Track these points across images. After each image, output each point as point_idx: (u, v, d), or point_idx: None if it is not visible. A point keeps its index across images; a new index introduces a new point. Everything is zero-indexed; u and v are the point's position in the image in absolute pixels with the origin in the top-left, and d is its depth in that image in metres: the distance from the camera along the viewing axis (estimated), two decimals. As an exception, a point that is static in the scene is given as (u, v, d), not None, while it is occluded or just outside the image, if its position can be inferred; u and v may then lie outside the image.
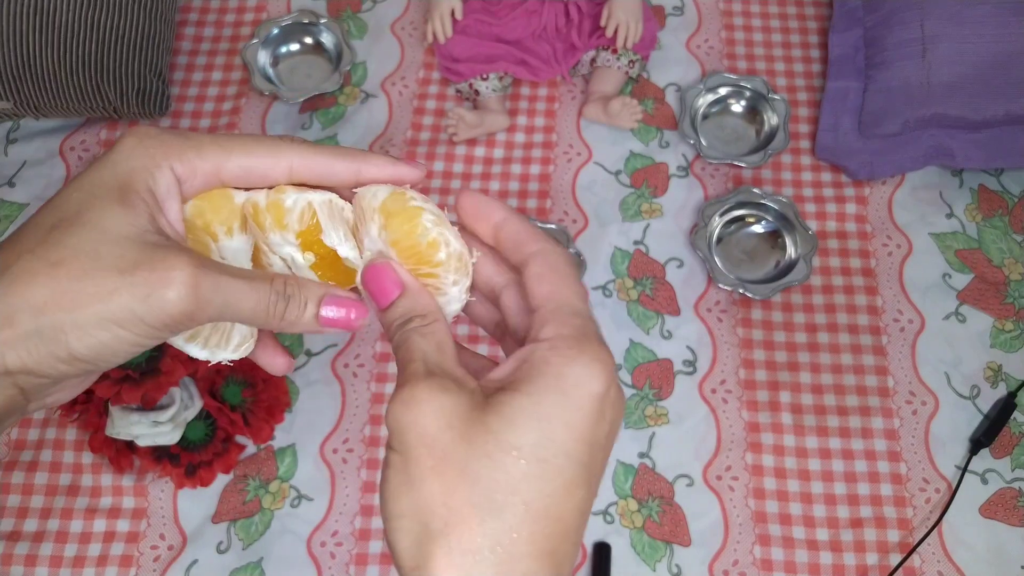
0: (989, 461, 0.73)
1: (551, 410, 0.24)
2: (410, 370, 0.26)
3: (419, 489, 0.23)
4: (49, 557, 0.69)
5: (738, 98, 0.88)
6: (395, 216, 0.29)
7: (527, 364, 0.25)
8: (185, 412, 0.67)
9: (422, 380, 0.25)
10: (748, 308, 0.79)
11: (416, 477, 0.23)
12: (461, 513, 0.23)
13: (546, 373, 0.24)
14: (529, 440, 0.23)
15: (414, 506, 0.23)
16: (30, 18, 0.80)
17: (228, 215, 0.30)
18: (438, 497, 0.23)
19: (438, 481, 0.23)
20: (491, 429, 0.24)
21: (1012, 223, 0.82)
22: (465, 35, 0.85)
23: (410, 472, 0.24)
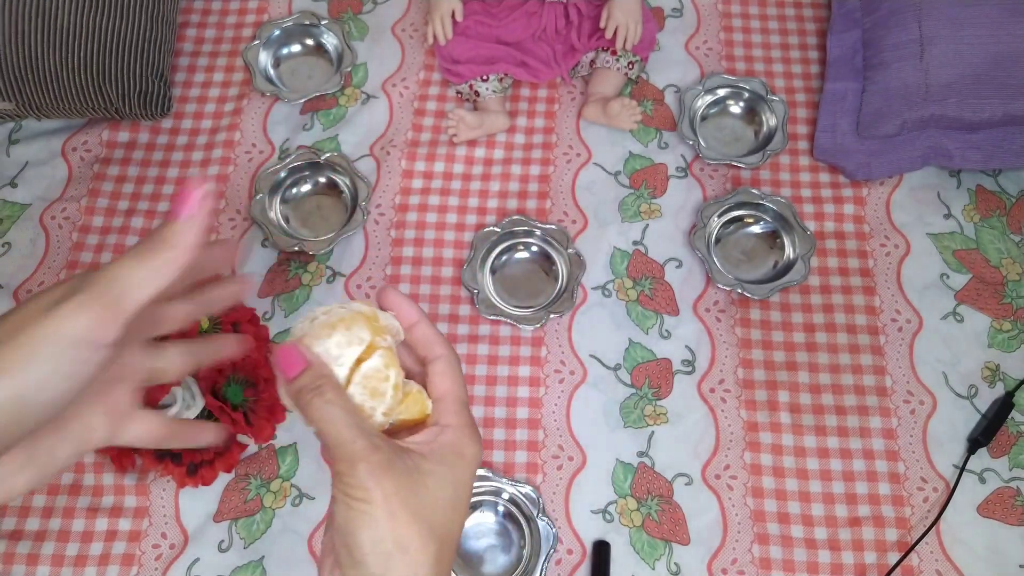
0: (987, 460, 0.73)
1: (459, 474, 0.37)
2: (350, 448, 0.34)
3: (382, 525, 0.34)
4: (51, 556, 0.69)
5: (737, 99, 0.88)
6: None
7: (441, 441, 0.37)
8: (187, 411, 0.68)
9: (367, 455, 0.34)
10: (747, 308, 0.79)
11: (379, 512, 0.34)
12: (414, 535, 0.34)
13: (455, 450, 0.37)
14: (447, 494, 0.36)
15: (378, 536, 0.34)
16: (33, 20, 0.80)
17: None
18: (398, 530, 0.34)
19: (394, 519, 0.34)
20: (427, 488, 0.35)
21: (1010, 223, 0.82)
22: (465, 37, 0.85)
23: (374, 513, 0.34)
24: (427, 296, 0.79)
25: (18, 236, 0.82)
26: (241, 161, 0.86)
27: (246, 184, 0.84)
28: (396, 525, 0.34)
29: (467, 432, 0.38)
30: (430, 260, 0.81)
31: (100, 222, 0.82)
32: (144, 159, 0.86)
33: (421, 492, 0.35)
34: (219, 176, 0.85)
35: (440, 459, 0.36)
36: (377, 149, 0.86)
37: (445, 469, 0.36)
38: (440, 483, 0.36)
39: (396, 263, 0.81)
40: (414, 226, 0.82)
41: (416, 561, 0.34)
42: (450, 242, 0.82)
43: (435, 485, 0.35)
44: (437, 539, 0.35)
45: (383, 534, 0.34)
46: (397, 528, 0.34)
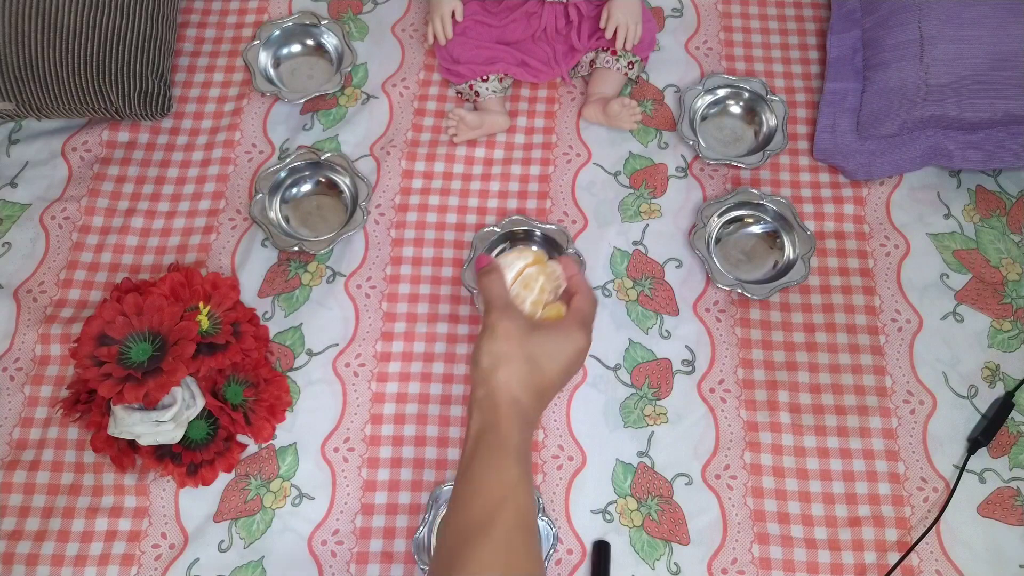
0: (987, 460, 0.73)
1: (564, 345, 0.57)
2: (497, 304, 0.58)
3: (499, 344, 0.56)
4: (51, 556, 0.69)
5: (737, 99, 0.88)
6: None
7: (559, 324, 0.59)
8: (187, 411, 0.68)
9: (505, 309, 0.58)
10: (746, 308, 0.79)
11: (500, 338, 0.56)
12: (516, 357, 0.55)
13: (566, 331, 0.58)
14: (549, 349, 0.56)
15: (494, 350, 0.56)
16: (32, 20, 0.80)
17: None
18: (507, 349, 0.55)
19: (507, 343, 0.55)
20: (536, 334, 0.57)
21: (1010, 223, 0.82)
22: (465, 37, 0.85)
23: (496, 337, 0.56)
24: (427, 296, 0.79)
25: (18, 236, 0.82)
26: (241, 161, 0.86)
27: (246, 184, 0.84)
28: (506, 346, 0.55)
29: (578, 326, 0.58)
30: (430, 260, 0.81)
31: (100, 222, 0.82)
32: (144, 159, 0.86)
33: (531, 338, 0.56)
34: (219, 176, 0.85)
35: (554, 331, 0.58)
36: (377, 149, 0.86)
37: (555, 336, 0.57)
38: (547, 341, 0.57)
39: (396, 263, 0.81)
40: (414, 226, 0.82)
41: (512, 371, 0.54)
42: (450, 242, 0.82)
43: (542, 340, 0.56)
44: (534, 366, 0.55)
45: (495, 347, 0.55)
46: (506, 347, 0.55)
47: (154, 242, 0.82)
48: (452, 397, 0.75)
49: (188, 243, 0.82)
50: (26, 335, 0.77)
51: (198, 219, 0.83)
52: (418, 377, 0.76)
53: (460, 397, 0.75)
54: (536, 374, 0.56)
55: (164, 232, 0.82)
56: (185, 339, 0.67)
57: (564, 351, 0.57)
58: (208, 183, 0.84)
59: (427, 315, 0.78)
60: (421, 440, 0.74)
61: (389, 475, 0.72)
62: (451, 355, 0.77)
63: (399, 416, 0.74)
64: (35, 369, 0.76)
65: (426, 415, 0.75)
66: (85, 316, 0.76)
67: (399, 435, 0.74)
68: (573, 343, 0.57)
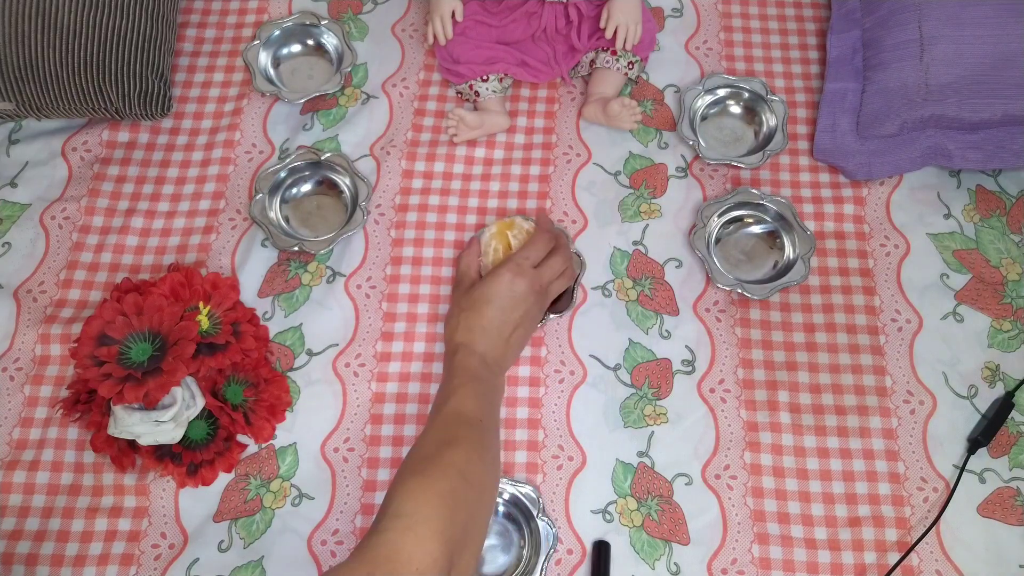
0: (987, 460, 0.73)
1: (489, 283, 0.71)
2: (460, 279, 0.76)
3: (451, 309, 0.74)
4: (50, 556, 0.69)
5: (737, 99, 0.88)
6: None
7: (493, 269, 0.73)
8: (187, 411, 0.68)
9: (459, 283, 0.76)
10: (746, 308, 0.79)
11: (452, 305, 0.74)
12: (456, 309, 0.72)
13: (493, 273, 0.72)
14: (480, 291, 0.71)
15: (448, 315, 0.74)
16: (32, 19, 0.80)
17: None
18: (452, 309, 0.74)
19: (453, 305, 0.74)
20: (473, 287, 0.73)
21: (1010, 223, 0.82)
22: (465, 37, 0.85)
23: (451, 306, 0.74)
24: (427, 296, 0.79)
25: (18, 236, 0.82)
26: (241, 161, 0.86)
27: (246, 184, 0.84)
28: (453, 308, 0.73)
29: (505, 268, 0.71)
30: (430, 260, 0.81)
31: (100, 222, 0.82)
32: (144, 159, 0.86)
33: (469, 291, 0.72)
34: (219, 176, 0.85)
35: (485, 278, 0.72)
36: (377, 149, 0.86)
37: (485, 281, 0.71)
38: (478, 287, 0.72)
39: (396, 263, 0.81)
40: (414, 226, 0.82)
41: (453, 321, 0.71)
42: (450, 242, 0.82)
43: (476, 288, 0.72)
44: (472, 311, 0.70)
45: (449, 313, 0.74)
46: (452, 308, 0.74)
47: (154, 242, 0.82)
48: (452, 397, 0.75)
49: (188, 243, 0.82)
50: (26, 335, 0.77)
51: (198, 219, 0.83)
52: (418, 377, 0.76)
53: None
54: (473, 315, 0.69)
55: (164, 232, 0.82)
56: (185, 339, 0.67)
57: (492, 290, 0.70)
58: (208, 183, 0.84)
59: (427, 315, 0.78)
60: (421, 440, 0.74)
61: (389, 475, 0.72)
62: (451, 355, 0.77)
63: (399, 416, 0.74)
64: (35, 369, 0.76)
65: (426, 415, 0.74)
66: (85, 316, 0.76)
67: (399, 435, 0.74)
68: (497, 281, 0.70)
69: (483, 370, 0.67)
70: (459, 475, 0.58)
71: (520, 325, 0.71)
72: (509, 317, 0.69)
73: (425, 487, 0.56)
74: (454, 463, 0.58)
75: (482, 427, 0.64)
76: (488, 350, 0.68)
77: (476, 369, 0.67)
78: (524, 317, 0.70)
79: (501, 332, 0.69)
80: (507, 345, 0.70)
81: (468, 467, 0.59)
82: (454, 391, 0.65)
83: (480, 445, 0.62)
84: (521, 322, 0.70)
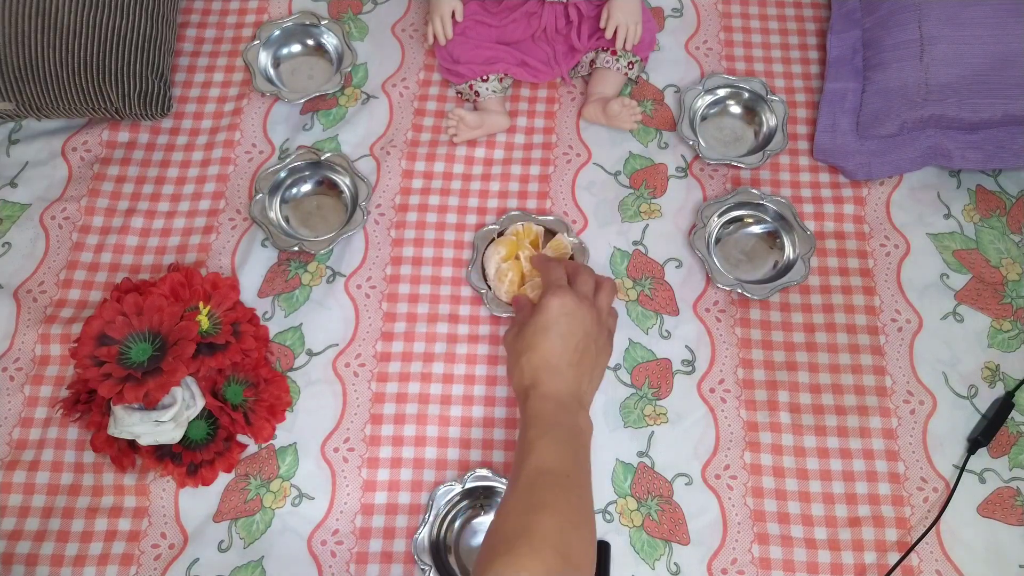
0: (987, 460, 0.73)
1: (537, 317, 0.66)
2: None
3: (508, 358, 0.67)
4: (50, 556, 0.69)
5: (737, 99, 0.88)
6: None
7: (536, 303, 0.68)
8: (187, 411, 0.68)
9: (509, 331, 0.70)
10: (746, 308, 0.79)
11: (508, 354, 0.68)
12: (513, 354, 0.66)
13: (537, 307, 0.66)
14: (530, 328, 0.67)
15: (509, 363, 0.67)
16: (32, 19, 0.80)
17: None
18: (509, 356, 0.67)
19: (508, 352, 0.68)
20: (524, 327, 0.67)
21: (1010, 223, 0.82)
22: (465, 37, 0.85)
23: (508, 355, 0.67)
24: (427, 296, 0.79)
25: (18, 236, 0.82)
26: (241, 161, 0.86)
27: (246, 184, 0.84)
28: (510, 355, 0.67)
29: (548, 295, 0.66)
30: (430, 260, 0.81)
31: (100, 222, 0.82)
32: (144, 159, 0.86)
33: (521, 332, 0.66)
34: (219, 176, 0.85)
35: (532, 314, 0.67)
36: (377, 149, 0.86)
37: (533, 318, 0.66)
38: (528, 325, 0.66)
39: (396, 263, 0.81)
40: (414, 226, 0.82)
41: (514, 367, 0.66)
42: (450, 242, 0.82)
43: (526, 327, 0.66)
44: (529, 351, 0.65)
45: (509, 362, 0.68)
46: (510, 356, 0.68)
47: (154, 242, 0.82)
48: (452, 397, 0.75)
49: (188, 243, 0.82)
50: (26, 335, 0.77)
51: (198, 219, 0.83)
52: (418, 377, 0.76)
53: (460, 397, 0.75)
54: (533, 354, 0.64)
55: (164, 232, 0.82)
56: (185, 339, 0.67)
57: (542, 320, 0.64)
58: (208, 183, 0.84)
59: (427, 315, 0.78)
60: (421, 440, 0.74)
61: (389, 475, 0.72)
62: (451, 355, 0.77)
63: (399, 416, 0.74)
64: (35, 369, 0.76)
65: (426, 415, 0.74)
66: (85, 316, 0.76)
67: (399, 435, 0.74)
68: (545, 310, 0.65)
69: (561, 412, 0.61)
70: (552, 552, 0.50)
71: (587, 350, 0.64)
72: (570, 344, 0.63)
73: (515, 569, 0.49)
74: (546, 537, 0.51)
75: (570, 483, 0.56)
76: (560, 387, 0.62)
77: (552, 413, 0.60)
78: (587, 339, 0.64)
79: (568, 362, 0.63)
80: (578, 374, 0.63)
81: (562, 538, 0.52)
82: (532, 445, 0.58)
83: (569, 507, 0.54)
84: (587, 346, 0.64)
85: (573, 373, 0.63)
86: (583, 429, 0.62)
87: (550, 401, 0.61)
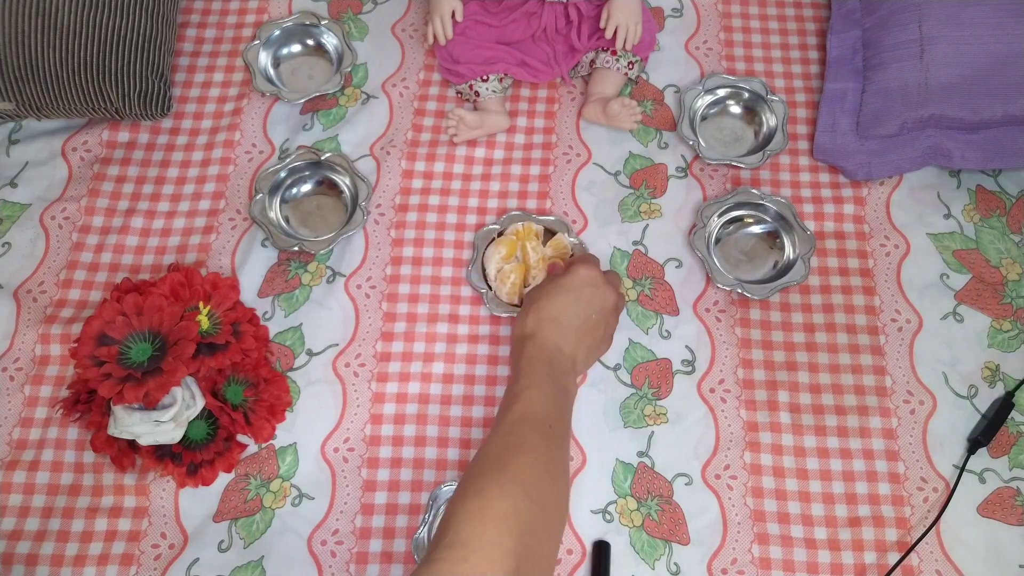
0: (987, 460, 0.73)
1: (554, 281, 0.69)
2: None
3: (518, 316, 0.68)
4: (50, 556, 0.69)
5: (737, 99, 0.88)
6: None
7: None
8: (187, 411, 0.68)
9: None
10: (746, 308, 0.79)
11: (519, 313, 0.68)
12: (523, 310, 0.67)
13: (553, 277, 0.70)
14: (543, 289, 0.69)
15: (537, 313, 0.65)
16: (32, 19, 0.80)
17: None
18: (520, 314, 0.67)
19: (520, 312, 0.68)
20: (534, 289, 0.71)
21: (1010, 223, 0.82)
22: (465, 37, 0.85)
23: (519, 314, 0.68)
24: (427, 296, 0.79)
25: (18, 236, 0.82)
26: (241, 161, 0.86)
27: (246, 184, 0.84)
28: (519, 314, 0.68)
29: (570, 268, 0.69)
30: (430, 260, 0.81)
31: (100, 222, 0.82)
32: (144, 159, 0.86)
33: (531, 291, 0.69)
34: (219, 176, 0.85)
35: (546, 279, 0.71)
36: (377, 149, 0.86)
37: (547, 281, 0.69)
38: (541, 286, 0.70)
39: (396, 263, 0.81)
40: (414, 226, 0.82)
41: (521, 318, 0.68)
42: (450, 242, 0.82)
43: (539, 287, 0.70)
44: (538, 307, 0.66)
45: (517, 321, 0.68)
46: (520, 314, 0.68)
47: (154, 242, 0.82)
48: (452, 397, 0.75)
49: (188, 243, 0.82)
50: (26, 335, 0.77)
51: (198, 219, 0.83)
52: (418, 377, 0.76)
53: (460, 397, 0.75)
54: (546, 303, 0.65)
55: (164, 232, 0.82)
56: (185, 339, 0.67)
57: (569, 280, 0.66)
58: (208, 183, 0.84)
59: (427, 315, 0.78)
60: (421, 440, 0.74)
61: (389, 475, 0.72)
62: (451, 355, 0.77)
63: (399, 416, 0.74)
64: (35, 369, 0.76)
65: (426, 415, 0.74)
66: (85, 316, 0.76)
67: (399, 435, 0.74)
68: (575, 274, 0.66)
69: (554, 367, 0.62)
70: (522, 493, 0.52)
71: (596, 325, 0.65)
72: (583, 311, 0.64)
73: (483, 510, 0.50)
74: (517, 478, 0.52)
75: (551, 434, 0.57)
76: (562, 343, 0.63)
77: (545, 365, 0.61)
78: (599, 315, 0.65)
79: (575, 326, 0.64)
80: (579, 341, 0.64)
81: (532, 481, 0.53)
82: (522, 391, 0.59)
83: (547, 456, 0.56)
84: (596, 322, 0.65)
85: (575, 337, 0.64)
86: (570, 390, 0.63)
87: (545, 352, 0.62)
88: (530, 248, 0.78)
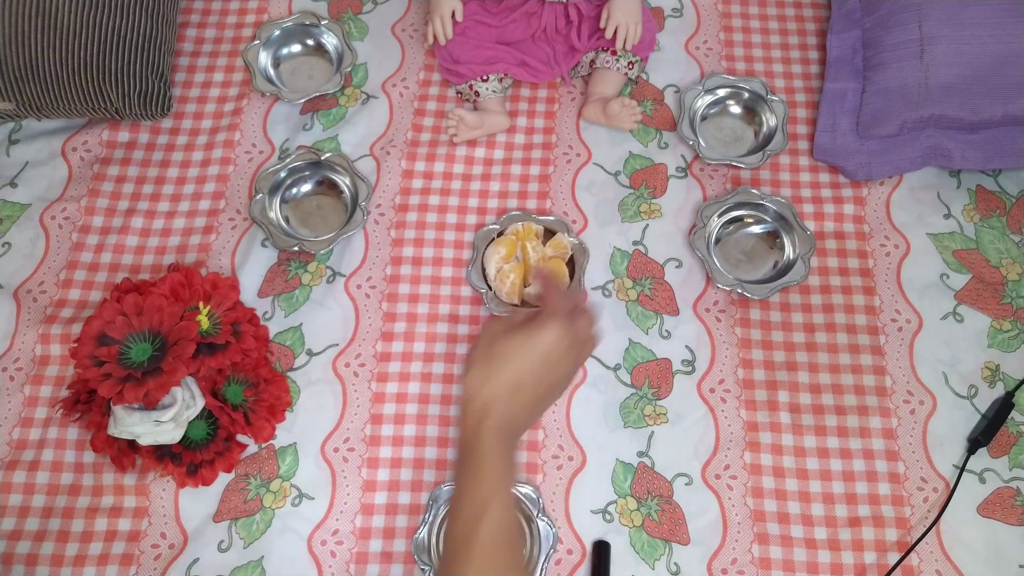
0: (987, 460, 0.73)
1: (528, 339, 0.58)
2: (480, 338, 0.61)
3: (472, 364, 0.59)
4: (50, 556, 0.69)
5: (737, 99, 0.88)
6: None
7: (530, 321, 0.59)
8: (187, 411, 0.68)
9: (479, 339, 0.62)
10: (746, 308, 0.79)
11: (472, 356, 0.60)
12: (480, 360, 0.58)
13: (530, 329, 0.58)
14: (514, 345, 0.59)
15: (467, 372, 0.58)
16: (33, 19, 0.80)
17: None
18: (475, 359, 0.59)
19: (475, 353, 0.60)
20: (506, 336, 0.59)
21: (1010, 223, 0.82)
22: (465, 37, 0.85)
23: (470, 359, 0.59)
24: (427, 296, 0.79)
25: (18, 236, 0.82)
26: (241, 161, 0.86)
27: (246, 184, 0.84)
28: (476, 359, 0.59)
29: (546, 319, 0.59)
30: (430, 260, 0.81)
31: (100, 222, 0.82)
32: (144, 159, 0.86)
33: (498, 340, 0.59)
34: (219, 176, 0.85)
35: (521, 330, 0.59)
36: (377, 149, 0.86)
37: (522, 335, 0.58)
38: (512, 339, 0.59)
39: (396, 263, 0.81)
40: (414, 226, 0.82)
41: (476, 375, 0.58)
42: (450, 242, 0.82)
43: (511, 340, 0.58)
44: (502, 366, 0.57)
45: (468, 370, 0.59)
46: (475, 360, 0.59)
47: (154, 242, 0.82)
48: (452, 397, 0.75)
49: (188, 243, 0.82)
50: (26, 335, 0.77)
51: (198, 219, 0.83)
52: (418, 377, 0.76)
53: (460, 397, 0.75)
54: (508, 367, 0.56)
55: (164, 232, 0.82)
56: (185, 339, 0.67)
57: (533, 341, 0.57)
58: (208, 183, 0.84)
59: (427, 315, 0.78)
60: (421, 440, 0.74)
61: (389, 475, 0.72)
62: (451, 355, 0.77)
63: (399, 416, 0.74)
64: (35, 369, 0.76)
65: (426, 415, 0.74)
66: (85, 316, 0.76)
67: (399, 435, 0.74)
68: (541, 332, 0.57)
69: (511, 450, 0.56)
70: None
71: (552, 389, 0.60)
72: (546, 376, 0.58)
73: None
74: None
75: (517, 547, 0.56)
76: (519, 419, 0.57)
77: (507, 451, 0.56)
78: (560, 382, 0.60)
79: (538, 393, 0.58)
80: (532, 406, 0.58)
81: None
82: (490, 500, 0.54)
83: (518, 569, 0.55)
84: (553, 386, 0.59)
85: (530, 404, 0.58)
86: (518, 466, 0.60)
87: (504, 434, 0.56)
88: (530, 248, 0.78)
